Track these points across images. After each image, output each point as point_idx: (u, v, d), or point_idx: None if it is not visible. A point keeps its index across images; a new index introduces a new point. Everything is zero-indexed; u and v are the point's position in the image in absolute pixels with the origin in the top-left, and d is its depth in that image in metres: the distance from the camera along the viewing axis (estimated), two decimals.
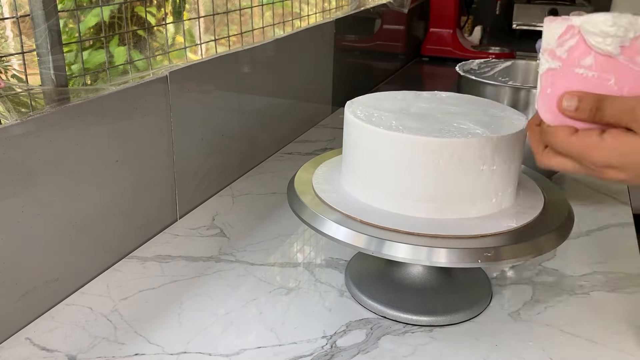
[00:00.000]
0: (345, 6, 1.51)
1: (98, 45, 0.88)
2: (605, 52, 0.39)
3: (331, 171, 0.71)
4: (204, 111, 0.89)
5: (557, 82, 0.41)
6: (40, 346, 0.59)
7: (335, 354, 0.59)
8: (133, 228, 0.77)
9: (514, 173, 0.63)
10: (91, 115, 0.67)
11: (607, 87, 0.40)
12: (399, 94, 0.72)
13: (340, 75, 1.38)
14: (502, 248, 0.56)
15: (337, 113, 1.39)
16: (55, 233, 0.65)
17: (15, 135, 0.58)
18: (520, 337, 0.62)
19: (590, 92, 0.41)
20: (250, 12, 1.06)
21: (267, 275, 0.73)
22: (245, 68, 0.99)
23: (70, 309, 0.66)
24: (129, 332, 0.62)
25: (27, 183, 0.60)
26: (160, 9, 1.00)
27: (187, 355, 0.59)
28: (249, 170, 1.05)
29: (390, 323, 0.64)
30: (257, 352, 0.59)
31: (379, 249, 0.56)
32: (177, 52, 0.91)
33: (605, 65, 0.39)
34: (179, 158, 0.84)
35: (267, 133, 1.10)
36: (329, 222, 0.60)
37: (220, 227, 0.85)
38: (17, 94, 0.64)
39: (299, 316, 0.65)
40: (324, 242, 0.81)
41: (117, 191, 0.73)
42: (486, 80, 0.90)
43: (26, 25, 0.64)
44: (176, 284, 0.71)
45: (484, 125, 0.61)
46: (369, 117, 0.62)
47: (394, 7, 1.69)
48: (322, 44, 1.29)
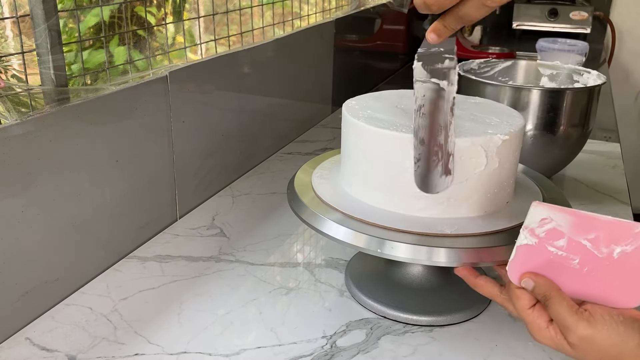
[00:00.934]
0: (345, 6, 1.51)
1: (98, 45, 0.87)
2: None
3: (331, 171, 0.71)
4: (204, 111, 0.89)
5: (529, 255, 0.49)
6: (40, 346, 0.59)
7: (335, 354, 0.59)
8: (133, 228, 0.77)
9: (513, 172, 0.63)
10: (91, 115, 0.67)
11: (571, 265, 0.47)
12: (397, 93, 0.72)
13: (340, 75, 1.38)
14: (502, 247, 0.56)
15: (337, 113, 1.39)
16: (55, 233, 0.65)
17: (15, 135, 0.58)
18: (520, 337, 0.62)
19: (545, 281, 0.48)
20: (250, 12, 1.06)
21: (267, 275, 0.73)
22: (245, 68, 0.99)
23: (70, 309, 0.66)
24: (129, 332, 0.62)
25: (27, 183, 0.60)
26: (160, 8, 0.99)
27: (187, 355, 0.59)
28: (249, 170, 1.05)
29: (390, 323, 0.64)
30: (257, 352, 0.59)
31: (379, 249, 0.56)
32: (177, 52, 0.91)
33: (575, 248, 0.47)
34: (179, 158, 0.84)
35: (267, 133, 1.10)
36: (329, 222, 0.60)
37: (220, 227, 0.85)
38: (17, 94, 0.64)
39: (299, 316, 0.65)
40: (324, 242, 0.81)
41: (117, 191, 0.73)
42: (486, 80, 0.90)
43: (26, 25, 0.64)
44: (176, 284, 0.71)
45: (483, 124, 0.61)
46: (367, 117, 0.62)
47: (394, 7, 1.69)
48: (322, 44, 1.29)
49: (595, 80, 0.92)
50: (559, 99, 0.86)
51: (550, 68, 1.00)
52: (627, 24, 2.37)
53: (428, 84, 0.54)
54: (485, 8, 0.49)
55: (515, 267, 0.50)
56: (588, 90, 0.89)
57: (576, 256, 0.47)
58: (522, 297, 0.49)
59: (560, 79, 1.00)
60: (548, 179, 0.72)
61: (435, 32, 0.51)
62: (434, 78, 0.54)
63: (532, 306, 0.49)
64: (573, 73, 0.98)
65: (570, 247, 0.47)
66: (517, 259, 0.49)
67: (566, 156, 0.95)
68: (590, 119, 0.91)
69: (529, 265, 0.49)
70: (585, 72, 0.96)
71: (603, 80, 0.91)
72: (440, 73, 0.54)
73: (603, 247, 0.46)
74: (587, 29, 2.15)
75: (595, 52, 2.13)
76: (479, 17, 0.50)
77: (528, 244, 0.48)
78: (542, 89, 0.87)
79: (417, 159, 0.56)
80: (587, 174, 1.05)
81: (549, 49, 1.62)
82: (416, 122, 0.55)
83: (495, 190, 0.60)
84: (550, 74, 1.00)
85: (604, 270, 0.46)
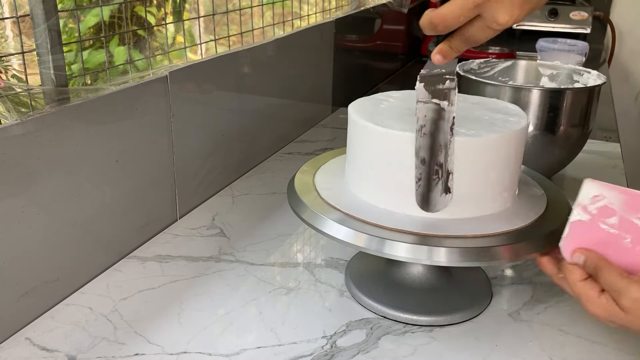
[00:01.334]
0: (345, 6, 1.51)
1: (98, 45, 0.87)
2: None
3: (331, 171, 0.71)
4: (204, 111, 0.89)
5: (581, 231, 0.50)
6: (40, 346, 0.59)
7: (335, 354, 0.59)
8: (133, 228, 0.77)
9: (515, 172, 0.63)
10: (91, 115, 0.67)
11: (623, 243, 0.48)
12: (403, 93, 0.72)
13: (340, 75, 1.38)
14: (502, 248, 0.56)
15: (337, 113, 1.39)
16: (55, 233, 0.65)
17: (15, 135, 0.58)
18: (520, 337, 0.62)
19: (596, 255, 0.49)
20: (250, 12, 1.06)
21: (267, 275, 0.73)
22: (245, 68, 0.99)
23: (70, 309, 0.66)
24: (129, 332, 0.62)
25: (27, 183, 0.60)
26: (160, 8, 0.99)
27: (187, 355, 0.59)
28: (249, 170, 1.05)
29: (390, 323, 0.64)
30: (257, 352, 0.59)
31: (379, 249, 0.56)
32: (177, 52, 0.91)
33: (627, 226, 0.47)
34: (179, 158, 0.84)
35: (267, 133, 1.10)
36: (330, 222, 0.60)
37: (220, 227, 0.85)
38: (17, 94, 0.64)
39: (299, 316, 0.65)
40: (324, 242, 0.81)
41: (117, 191, 0.73)
42: (486, 80, 0.90)
43: (26, 25, 0.64)
44: (176, 284, 0.71)
45: (485, 124, 0.61)
46: (372, 117, 0.62)
47: (394, 7, 1.69)
48: (322, 44, 1.29)
49: (595, 80, 0.92)
50: (559, 99, 0.86)
51: (550, 68, 1.00)
52: (627, 24, 2.37)
53: (429, 105, 0.55)
54: (490, 30, 0.50)
55: (567, 243, 0.50)
56: (588, 90, 0.89)
57: (628, 234, 0.47)
58: (574, 272, 0.51)
59: (560, 79, 1.00)
60: (548, 179, 0.72)
61: (441, 53, 0.53)
62: (435, 99, 0.55)
63: (584, 279, 0.50)
64: (573, 73, 0.98)
65: (622, 225, 0.47)
66: (570, 236, 0.50)
67: (566, 156, 0.95)
68: (590, 119, 0.91)
69: (581, 241, 0.50)
70: (585, 72, 0.96)
71: (603, 80, 0.91)
72: (441, 94, 0.55)
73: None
74: (587, 29, 2.15)
75: (595, 52, 2.13)
76: (484, 39, 0.52)
77: (581, 220, 0.49)
78: (542, 89, 0.87)
79: (418, 178, 0.58)
80: (587, 174, 1.04)
81: (549, 49, 1.62)
82: (417, 142, 0.56)
83: (496, 190, 0.60)
84: (550, 74, 1.00)
85: None
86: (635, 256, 0.48)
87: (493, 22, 0.49)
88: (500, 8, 0.48)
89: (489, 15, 0.49)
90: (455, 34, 0.52)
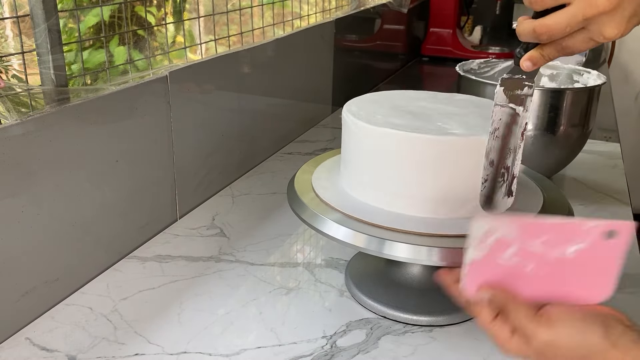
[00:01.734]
0: (345, 6, 1.51)
1: (98, 45, 0.87)
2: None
3: (331, 171, 0.71)
4: (204, 111, 0.89)
5: (481, 269, 0.47)
6: (40, 346, 0.59)
7: (335, 354, 0.59)
8: (133, 228, 0.77)
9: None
10: (91, 115, 0.67)
11: (526, 272, 0.46)
12: (397, 93, 0.72)
13: (340, 75, 1.38)
14: None
15: (337, 113, 1.39)
16: (55, 233, 0.65)
17: (15, 135, 0.58)
18: None
19: (501, 291, 0.47)
20: (250, 12, 1.06)
21: (267, 275, 0.73)
22: (245, 68, 0.99)
23: (70, 309, 0.66)
24: (129, 332, 0.62)
25: (27, 183, 0.60)
26: (160, 8, 1.00)
27: (187, 355, 0.59)
28: (249, 170, 1.05)
29: (390, 323, 0.64)
30: (257, 352, 0.59)
31: (379, 249, 0.56)
32: (177, 52, 0.91)
33: (526, 254, 0.45)
34: (179, 158, 0.84)
35: (267, 133, 1.10)
36: (329, 222, 0.60)
37: (220, 227, 0.85)
38: (17, 94, 0.64)
39: (299, 316, 0.65)
40: (324, 242, 0.81)
41: (117, 191, 0.73)
42: (486, 80, 0.90)
43: (26, 25, 0.64)
44: (176, 284, 0.71)
45: (483, 124, 0.61)
46: (367, 117, 0.62)
47: (394, 7, 1.69)
48: (322, 44, 1.29)
49: (595, 80, 0.92)
50: (559, 99, 0.86)
51: (550, 68, 1.00)
52: None
53: (506, 109, 0.56)
54: (592, 42, 0.50)
55: (469, 283, 0.48)
56: (588, 90, 0.89)
57: (530, 262, 0.46)
58: (482, 312, 0.48)
59: (560, 79, 1.00)
60: (548, 179, 0.72)
61: (532, 60, 0.53)
62: (511, 103, 0.56)
63: (493, 319, 0.48)
64: (573, 73, 0.98)
65: (521, 254, 0.46)
66: (469, 276, 0.48)
67: (566, 156, 0.95)
68: (590, 119, 0.91)
69: (483, 279, 0.48)
70: (585, 72, 0.96)
71: (603, 80, 0.91)
72: (518, 99, 0.56)
73: (556, 249, 0.45)
74: None
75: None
76: (583, 50, 0.51)
77: (476, 259, 0.47)
78: (542, 89, 0.87)
79: (484, 179, 0.57)
80: (587, 174, 1.05)
81: None
82: (489, 144, 0.57)
83: None
84: (550, 74, 1.00)
85: (563, 270, 0.46)
86: (540, 282, 0.46)
87: (599, 36, 0.48)
88: (610, 22, 0.48)
89: (595, 28, 0.48)
90: (550, 43, 0.51)
